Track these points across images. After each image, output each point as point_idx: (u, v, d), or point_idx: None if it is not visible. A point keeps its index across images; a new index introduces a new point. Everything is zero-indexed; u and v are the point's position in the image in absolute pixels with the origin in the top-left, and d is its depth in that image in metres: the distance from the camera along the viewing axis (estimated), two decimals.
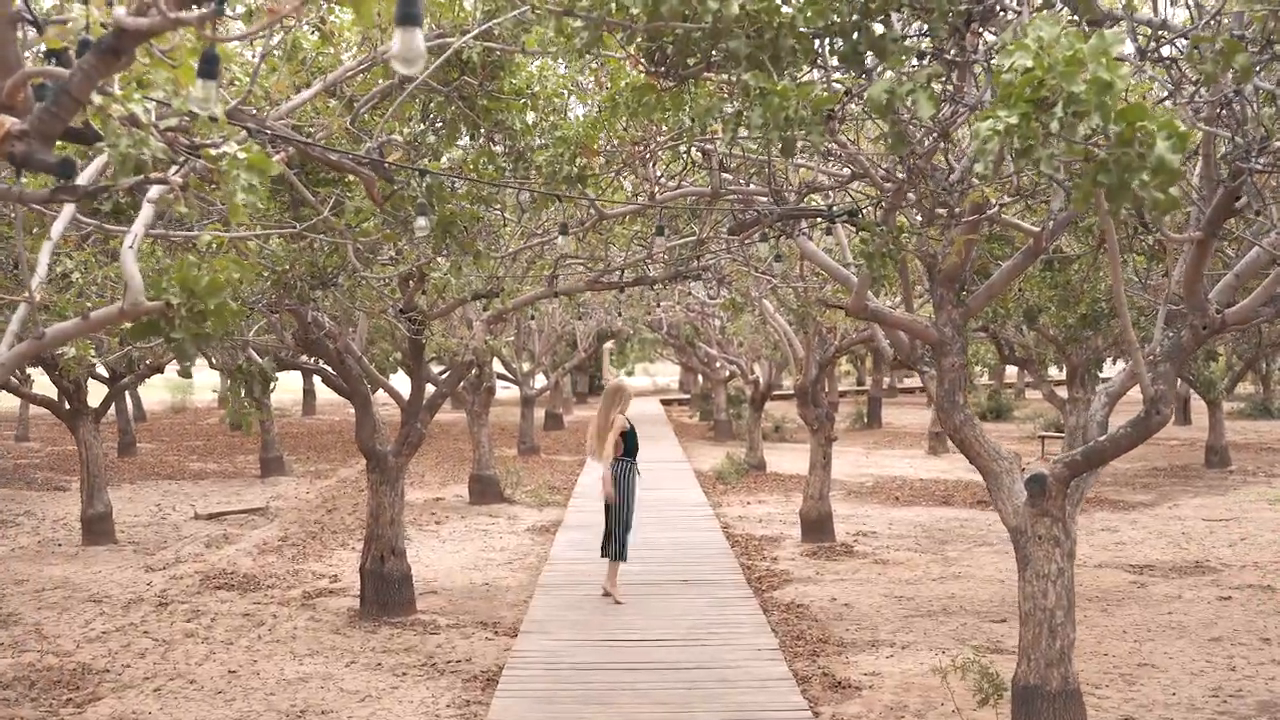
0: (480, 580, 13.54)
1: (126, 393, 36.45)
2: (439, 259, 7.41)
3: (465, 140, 6.93)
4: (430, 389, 11.80)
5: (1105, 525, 17.29)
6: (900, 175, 7.07)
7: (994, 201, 6.70)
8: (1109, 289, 11.64)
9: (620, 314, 22.31)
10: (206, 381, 47.53)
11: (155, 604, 12.40)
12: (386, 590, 11.49)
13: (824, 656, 10.16)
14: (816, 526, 15.64)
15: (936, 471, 24.65)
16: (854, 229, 7.88)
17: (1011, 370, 53.70)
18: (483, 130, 6.82)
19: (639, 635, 10.03)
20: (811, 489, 15.65)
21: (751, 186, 8.71)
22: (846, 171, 7.63)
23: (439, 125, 6.85)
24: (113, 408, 27.24)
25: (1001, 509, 7.64)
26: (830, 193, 8.40)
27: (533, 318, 15.01)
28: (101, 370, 19.98)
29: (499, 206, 7.13)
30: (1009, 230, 9.35)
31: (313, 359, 11.90)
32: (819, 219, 7.76)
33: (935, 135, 6.14)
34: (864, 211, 7.67)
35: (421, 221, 5.32)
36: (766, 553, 15.11)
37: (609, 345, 37.65)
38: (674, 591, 11.71)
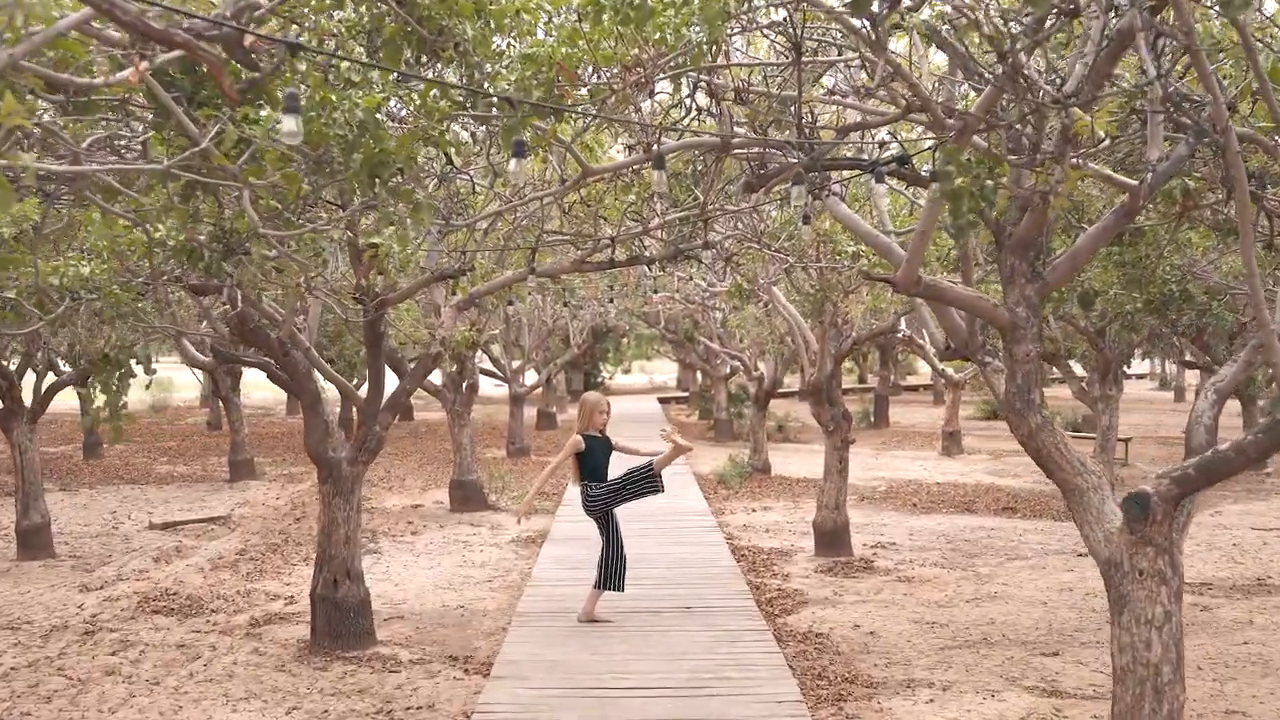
0: (454, 603, 11.94)
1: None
2: (371, 220, 5.83)
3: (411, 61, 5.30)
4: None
5: None
6: (964, 111, 5.48)
7: (1103, 135, 5.12)
8: (1182, 268, 10.06)
9: (614, 303, 20.62)
10: (189, 380, 45.90)
11: (81, 632, 10.81)
12: (340, 619, 9.90)
13: (852, 701, 8.57)
14: (832, 539, 14.05)
15: (953, 474, 23.07)
16: (902, 183, 6.29)
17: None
18: (429, 54, 5.22)
19: (632, 682, 8.36)
20: (826, 497, 14.06)
21: (771, 137, 7.10)
22: (893, 109, 6.02)
23: (376, 44, 5.24)
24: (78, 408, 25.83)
25: (1089, 535, 6.05)
26: (872, 138, 6.81)
27: (511, 302, 13.24)
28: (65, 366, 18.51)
29: (451, 147, 5.52)
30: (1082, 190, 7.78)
31: (252, 351, 10.27)
32: (861, 169, 6.17)
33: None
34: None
35: (289, 124, 3.72)
36: (777, 569, 13.52)
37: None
38: (673, 623, 10.08)
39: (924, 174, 6.26)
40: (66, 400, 30.35)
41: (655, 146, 6.76)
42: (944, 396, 46.26)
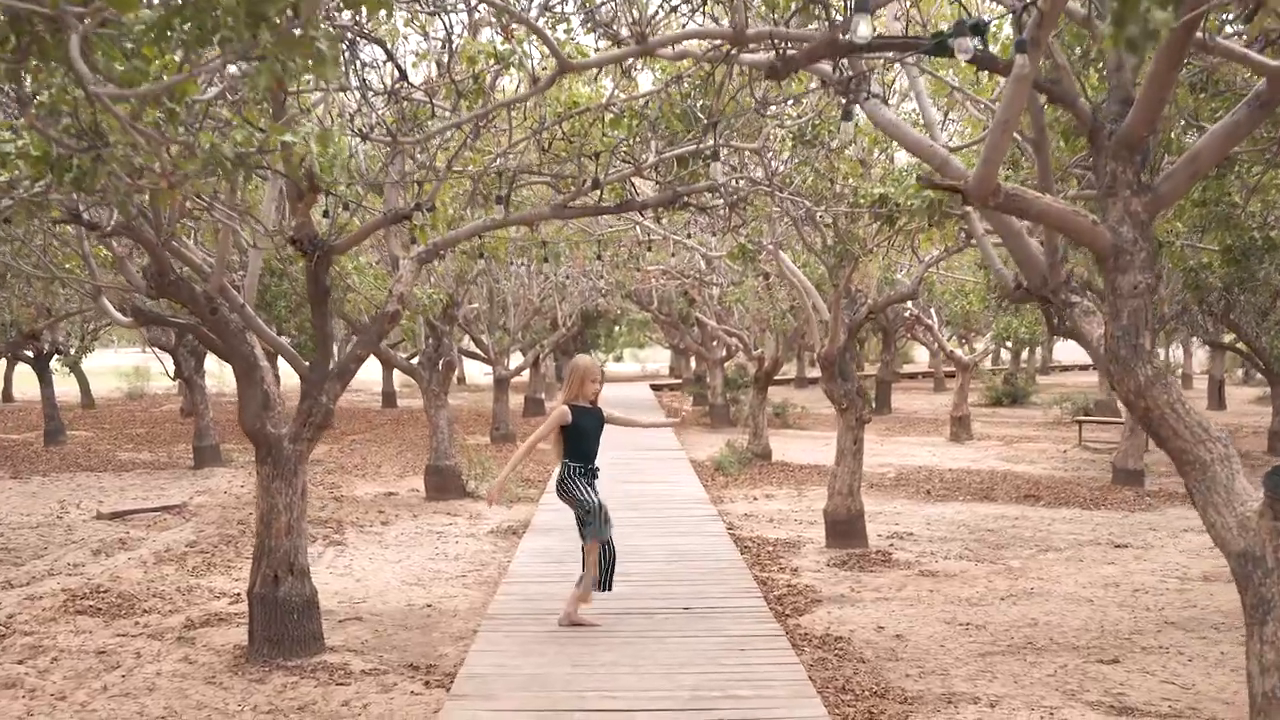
0: (421, 601, 10.51)
1: (68, 376, 33.47)
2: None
3: None
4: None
5: (1186, 524, 14.33)
6: None
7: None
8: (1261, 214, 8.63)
9: (603, 274, 19.15)
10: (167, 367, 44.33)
11: None
12: (282, 622, 8.46)
13: None
14: (846, 529, 12.63)
15: (965, 461, 21.67)
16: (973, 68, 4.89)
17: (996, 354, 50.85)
18: None
19: (622, 702, 6.87)
20: (839, 482, 12.63)
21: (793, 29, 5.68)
22: None
23: None
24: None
25: (1214, 521, 4.66)
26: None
27: (482, 255, 11.53)
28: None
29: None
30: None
31: (178, 310, 8.83)
32: (918, 47, 4.74)
33: None
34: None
35: None
36: (784, 562, 12.11)
37: None
38: (671, 628, 8.63)
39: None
40: (32, 386, 28.86)
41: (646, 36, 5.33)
42: (945, 384, 45.06)
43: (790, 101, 9.54)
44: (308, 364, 8.48)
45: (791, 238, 12.73)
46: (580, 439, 8.69)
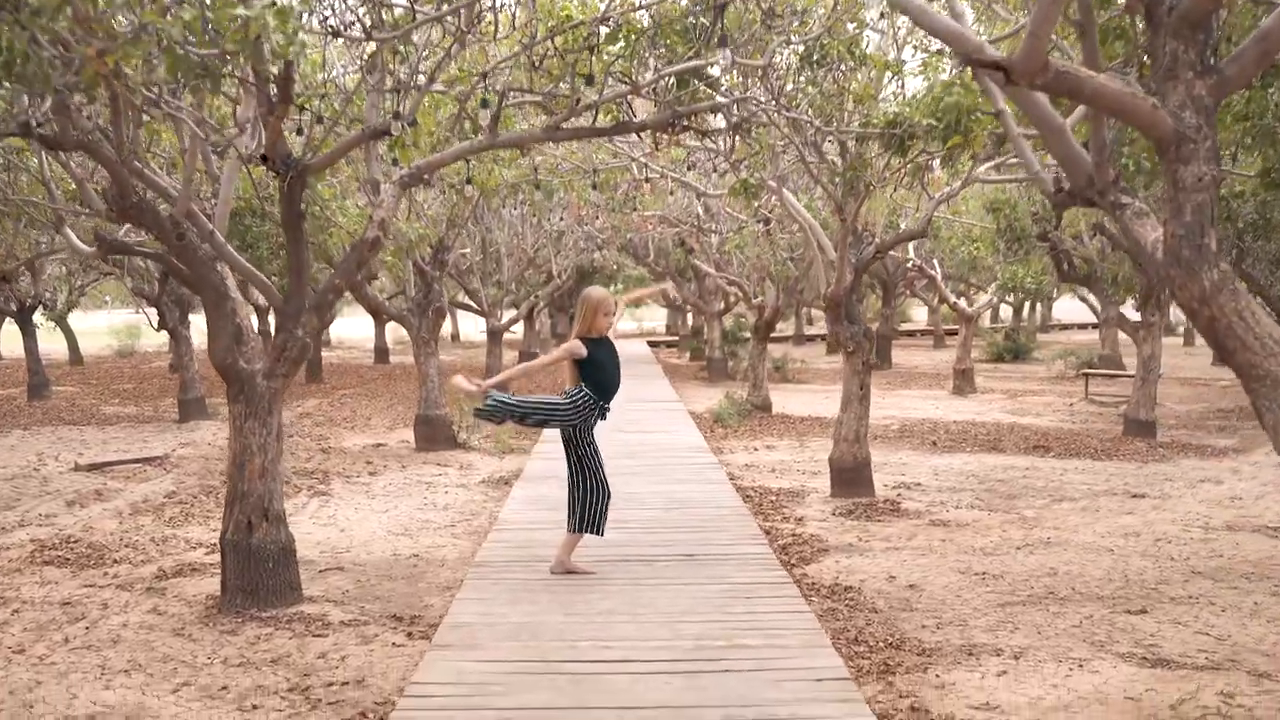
0: (408, 551, 9.99)
1: (53, 332, 32.91)
2: None
3: None
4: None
5: (1203, 475, 13.83)
6: None
7: None
8: None
9: (600, 216, 18.52)
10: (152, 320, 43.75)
11: None
12: (256, 571, 7.93)
13: (902, 673, 6.65)
14: (852, 477, 12.11)
15: (969, 413, 21.15)
16: None
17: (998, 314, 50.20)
18: None
19: (619, 653, 6.34)
20: (845, 429, 12.09)
21: None
22: None
23: None
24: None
25: None
26: None
27: (469, 180, 10.72)
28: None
29: None
30: None
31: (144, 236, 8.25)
32: None
33: None
34: None
35: None
36: (788, 511, 11.59)
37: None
38: (672, 575, 8.10)
39: None
40: (19, 344, 28.24)
41: None
42: (945, 341, 44.49)
43: (798, 19, 8.95)
44: (283, 296, 7.91)
45: (796, 170, 12.15)
46: (597, 371, 8.12)
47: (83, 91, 6.55)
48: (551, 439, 16.41)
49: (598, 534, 8.36)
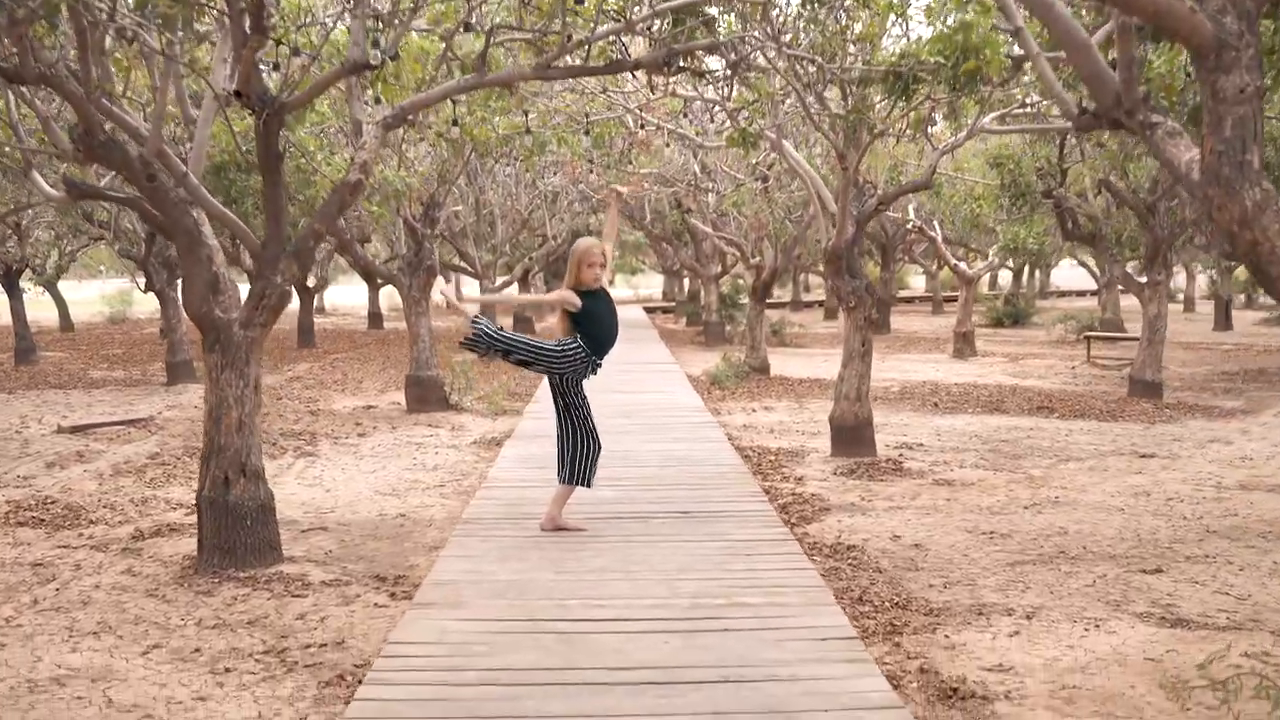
0: (394, 510, 9.67)
1: (42, 296, 32.52)
2: None
3: None
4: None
5: (1211, 435, 13.51)
6: None
7: None
8: None
9: (595, 171, 18.08)
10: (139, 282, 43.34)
11: None
12: (233, 529, 7.60)
13: (909, 633, 6.33)
14: (853, 436, 11.78)
15: (970, 376, 20.83)
16: None
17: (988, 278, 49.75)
18: None
19: (613, 614, 5.99)
20: (846, 386, 11.76)
21: None
22: None
23: None
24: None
25: None
26: None
27: (455, 122, 10.06)
28: None
29: None
30: None
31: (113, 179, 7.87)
32: None
33: None
34: None
35: None
36: (788, 470, 11.27)
37: None
38: (668, 531, 7.77)
39: None
40: (5, 306, 27.84)
41: None
42: (944, 307, 44.11)
43: None
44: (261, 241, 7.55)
45: (796, 117, 11.78)
46: (591, 324, 7.77)
47: (43, 19, 6.19)
48: (542, 399, 16.07)
49: (586, 486, 8.05)
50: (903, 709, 4.76)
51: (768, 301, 21.42)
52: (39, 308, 40.28)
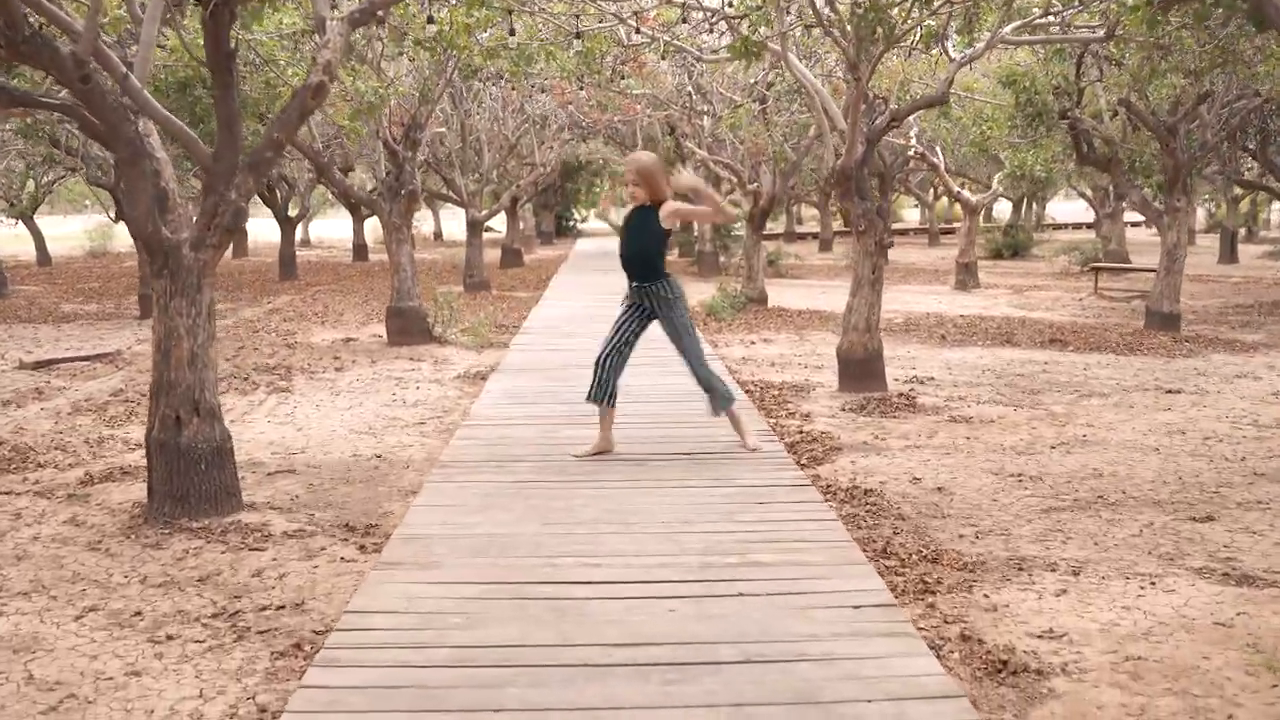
0: (370, 451, 8.91)
1: (15, 227, 31.56)
2: None
3: None
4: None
5: (1237, 370, 12.80)
6: None
7: None
8: None
9: (585, 90, 17.16)
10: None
11: None
12: (186, 474, 6.84)
13: (943, 592, 5.60)
14: (862, 370, 11.04)
15: (975, 308, 20.11)
16: None
17: (991, 213, 48.80)
18: None
19: (610, 575, 5.19)
20: (856, 317, 11.01)
21: None
22: None
23: None
24: None
25: None
26: None
27: (431, 20, 9.09)
28: None
29: None
30: None
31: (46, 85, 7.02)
32: None
33: None
34: None
35: None
36: (793, 407, 10.53)
37: None
38: (671, 476, 7.01)
39: None
40: None
41: None
42: (941, 240, 43.24)
43: None
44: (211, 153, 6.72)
45: (801, 26, 10.92)
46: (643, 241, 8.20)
47: None
48: (531, 330, 15.29)
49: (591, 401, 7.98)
50: (961, 698, 4.01)
51: (769, 217, 20.58)
52: (18, 243, 39.30)
